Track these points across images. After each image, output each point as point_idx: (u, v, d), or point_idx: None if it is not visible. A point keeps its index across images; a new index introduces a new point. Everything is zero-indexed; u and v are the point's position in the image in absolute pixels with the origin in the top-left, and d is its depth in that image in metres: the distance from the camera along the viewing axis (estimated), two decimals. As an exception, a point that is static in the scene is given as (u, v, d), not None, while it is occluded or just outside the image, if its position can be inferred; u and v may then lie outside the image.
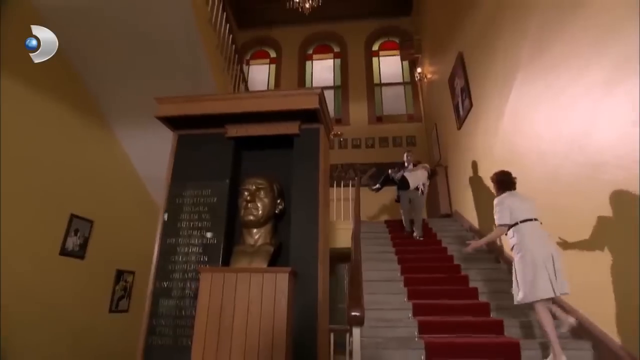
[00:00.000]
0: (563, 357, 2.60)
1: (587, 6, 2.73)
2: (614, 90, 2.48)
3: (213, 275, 2.61)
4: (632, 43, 2.28)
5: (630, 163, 2.32)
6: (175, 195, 3.19)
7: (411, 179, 5.49)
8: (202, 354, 2.43)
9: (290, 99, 3.16)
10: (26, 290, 3.92)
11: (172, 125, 3.31)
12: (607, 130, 2.57)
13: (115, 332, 5.21)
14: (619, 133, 2.44)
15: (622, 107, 2.40)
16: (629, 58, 2.33)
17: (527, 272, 2.79)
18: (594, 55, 2.69)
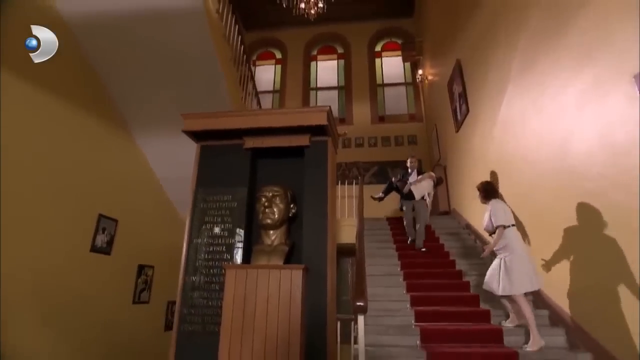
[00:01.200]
0: (542, 341, 3.00)
1: (569, 31, 3.07)
2: (585, 109, 2.85)
3: (237, 271, 3.02)
4: (603, 67, 2.64)
5: (596, 176, 2.70)
6: (199, 200, 3.59)
7: (417, 190, 5.40)
8: (229, 339, 2.85)
9: (302, 115, 3.56)
10: (62, 283, 4.35)
11: (196, 137, 3.70)
12: (580, 144, 2.93)
13: (138, 321, 5.67)
14: (590, 147, 2.80)
15: (592, 124, 2.77)
16: (599, 82, 2.69)
17: (516, 269, 3.20)
18: (571, 76, 3.04)
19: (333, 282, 3.20)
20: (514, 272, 3.21)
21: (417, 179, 5.49)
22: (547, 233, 3.44)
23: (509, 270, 3.25)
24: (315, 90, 10.73)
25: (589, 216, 2.86)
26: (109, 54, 4.74)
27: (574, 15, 2.96)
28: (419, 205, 5.39)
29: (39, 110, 4.11)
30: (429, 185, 5.45)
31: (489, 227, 3.57)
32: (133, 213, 5.58)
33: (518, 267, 3.21)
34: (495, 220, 3.46)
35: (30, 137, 3.99)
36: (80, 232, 4.69)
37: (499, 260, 3.40)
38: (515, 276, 3.20)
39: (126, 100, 5.24)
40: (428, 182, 5.45)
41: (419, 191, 5.37)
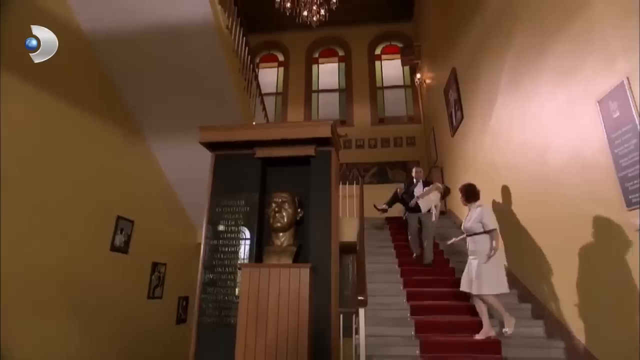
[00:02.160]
0: (512, 319, 3.43)
1: (547, 56, 3.40)
2: (560, 126, 3.19)
3: (251, 270, 3.39)
4: (575, 91, 2.98)
5: (569, 185, 3.05)
6: (215, 205, 3.95)
7: (424, 203, 5.18)
8: (245, 330, 3.23)
9: (308, 128, 3.93)
10: (86, 280, 4.71)
11: (211, 147, 4.05)
12: (556, 156, 3.28)
13: (153, 316, 6.06)
14: (564, 159, 3.15)
15: (566, 139, 3.12)
16: (571, 104, 3.04)
17: (496, 271, 3.50)
18: (549, 97, 3.39)
19: (336, 279, 3.58)
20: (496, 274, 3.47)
21: (424, 191, 5.23)
22: (529, 236, 3.80)
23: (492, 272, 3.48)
24: (317, 93, 11.05)
25: (562, 221, 3.21)
26: (126, 67, 5.07)
27: (552, 42, 3.29)
28: (425, 218, 5.19)
29: (62, 120, 4.45)
30: (436, 197, 5.18)
31: (475, 228, 3.70)
32: (147, 214, 5.94)
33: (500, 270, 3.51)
34: (489, 223, 3.62)
35: (55, 146, 4.33)
36: (102, 233, 5.06)
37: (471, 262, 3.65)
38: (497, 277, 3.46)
39: (141, 109, 5.59)
40: (435, 194, 5.18)
41: (426, 204, 5.14)
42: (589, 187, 2.79)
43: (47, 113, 4.24)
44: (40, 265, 4.06)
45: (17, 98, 3.86)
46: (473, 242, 3.70)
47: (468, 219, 3.81)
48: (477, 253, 3.60)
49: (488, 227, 3.63)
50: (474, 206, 3.84)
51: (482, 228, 3.65)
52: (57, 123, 4.37)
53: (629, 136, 2.34)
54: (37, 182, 4.07)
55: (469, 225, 3.76)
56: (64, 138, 4.46)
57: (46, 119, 4.23)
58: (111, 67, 5.10)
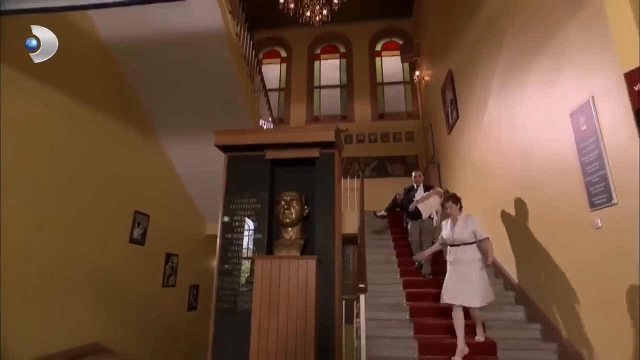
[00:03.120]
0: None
1: (533, 67, 3.74)
2: (542, 131, 3.56)
3: (264, 261, 3.80)
4: (553, 102, 3.33)
5: (548, 185, 3.43)
6: (229, 203, 4.33)
7: (424, 208, 5.07)
8: (259, 314, 3.64)
9: (314, 132, 4.31)
10: (108, 269, 5.13)
11: (225, 149, 4.41)
12: (539, 158, 3.65)
13: (167, 302, 6.51)
14: (545, 162, 3.53)
15: (546, 144, 3.48)
16: (550, 113, 3.39)
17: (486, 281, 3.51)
18: (533, 104, 3.75)
19: (339, 269, 3.99)
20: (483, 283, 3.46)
21: (424, 195, 5.14)
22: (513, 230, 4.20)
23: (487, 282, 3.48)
24: (318, 89, 11.35)
25: (541, 218, 3.60)
26: (142, 72, 5.41)
27: (535, 56, 3.63)
28: (426, 225, 5.13)
29: (86, 124, 4.82)
30: (436, 202, 4.99)
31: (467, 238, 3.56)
32: (161, 208, 6.33)
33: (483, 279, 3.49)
34: (483, 232, 3.57)
35: (80, 149, 4.71)
36: (121, 226, 5.47)
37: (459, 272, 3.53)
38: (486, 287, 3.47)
39: (155, 111, 5.94)
40: (435, 199, 5.00)
41: (426, 209, 5.03)
42: (563, 188, 3.17)
43: (73, 118, 4.60)
44: (70, 257, 4.47)
45: (47, 105, 4.23)
46: (462, 252, 3.57)
47: (456, 228, 3.66)
48: (468, 263, 3.50)
49: (482, 236, 3.55)
50: (461, 216, 3.74)
51: (473, 237, 3.57)
52: (82, 127, 4.73)
53: (592, 147, 2.71)
54: (66, 182, 4.46)
55: (460, 235, 3.61)
56: (88, 140, 4.83)
57: (72, 123, 4.59)
58: (128, 73, 5.44)
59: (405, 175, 9.99)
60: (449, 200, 3.79)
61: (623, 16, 2.49)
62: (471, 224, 3.61)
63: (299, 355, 3.49)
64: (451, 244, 3.68)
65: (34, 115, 4.07)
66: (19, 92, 3.86)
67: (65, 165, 4.46)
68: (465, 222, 3.66)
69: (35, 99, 4.07)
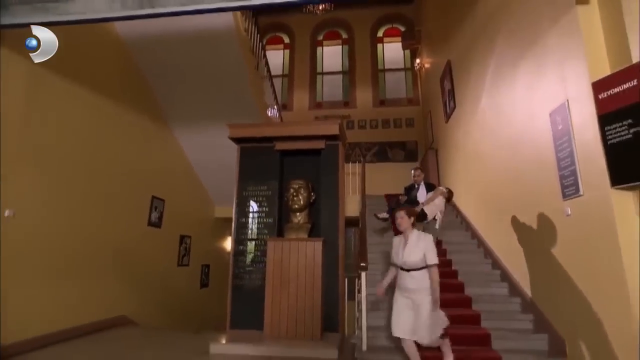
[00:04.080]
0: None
1: (521, 65, 4.07)
2: (526, 128, 3.93)
3: (275, 243, 4.25)
4: (536, 102, 3.68)
5: (531, 177, 3.83)
6: (242, 190, 4.76)
7: (429, 211, 4.87)
8: (272, 290, 4.12)
9: (320, 126, 4.71)
10: (130, 250, 5.60)
11: (237, 141, 4.80)
12: (524, 152, 4.03)
13: (182, 280, 7.04)
14: (529, 156, 3.91)
15: (530, 141, 3.86)
16: (533, 112, 3.75)
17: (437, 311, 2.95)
18: (519, 103, 4.10)
19: (343, 250, 4.44)
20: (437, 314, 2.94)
21: (428, 198, 4.98)
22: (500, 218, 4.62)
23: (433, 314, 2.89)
24: (321, 75, 11.59)
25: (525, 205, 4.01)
26: (156, 67, 5.74)
27: (522, 57, 3.95)
28: (430, 226, 4.95)
29: (110, 118, 5.19)
30: (441, 202, 4.90)
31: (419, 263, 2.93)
32: (174, 193, 6.77)
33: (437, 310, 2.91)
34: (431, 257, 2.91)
35: (104, 142, 5.09)
36: (141, 211, 5.92)
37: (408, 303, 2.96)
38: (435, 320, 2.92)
39: (168, 103, 6.29)
40: (440, 199, 4.90)
41: (432, 211, 4.88)
42: (542, 180, 3.56)
43: (96, 111, 4.98)
44: (98, 239, 4.93)
45: (75, 100, 4.60)
46: (411, 279, 2.95)
47: (406, 249, 3.01)
48: (417, 293, 2.91)
49: (430, 262, 2.90)
50: (414, 233, 3.06)
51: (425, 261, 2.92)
52: (104, 119, 5.11)
53: (566, 145, 3.09)
54: (93, 171, 4.88)
55: (409, 257, 2.97)
56: (110, 131, 5.21)
57: (96, 116, 4.97)
58: (144, 67, 5.77)
59: (405, 160, 10.39)
60: (400, 210, 3.11)
61: (595, 32, 2.83)
62: (423, 243, 2.96)
63: (307, 325, 3.99)
64: (401, 267, 3.04)
65: (64, 110, 4.44)
66: (51, 90, 4.22)
67: (92, 155, 4.86)
68: (417, 241, 3.00)
69: (65, 96, 4.43)
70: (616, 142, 2.56)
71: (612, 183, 2.59)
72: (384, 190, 9.05)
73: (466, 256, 5.24)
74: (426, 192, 5.11)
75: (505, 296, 4.33)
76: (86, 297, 4.72)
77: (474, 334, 3.70)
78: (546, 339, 3.53)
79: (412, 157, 10.35)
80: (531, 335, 3.68)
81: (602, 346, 2.74)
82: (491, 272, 4.79)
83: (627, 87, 2.51)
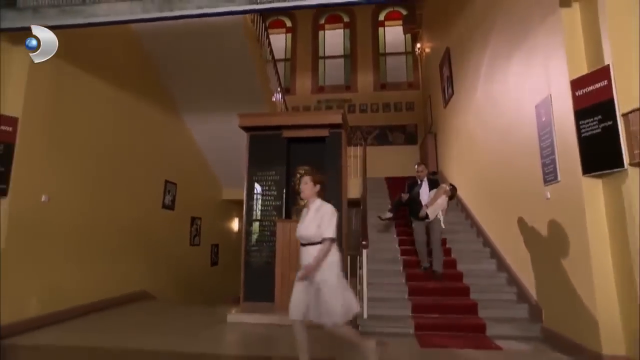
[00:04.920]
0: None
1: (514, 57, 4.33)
2: (515, 119, 4.24)
3: (284, 224, 4.65)
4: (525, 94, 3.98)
5: (519, 164, 4.18)
6: (252, 175, 5.13)
7: (432, 212, 4.83)
8: (281, 266, 4.53)
9: (324, 115, 5.04)
10: (147, 230, 6.02)
11: (247, 129, 5.13)
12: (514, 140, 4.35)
13: (194, 258, 7.50)
14: (517, 145, 4.24)
15: (518, 130, 4.18)
16: (521, 104, 4.06)
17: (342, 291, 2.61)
18: (510, 96, 4.40)
19: (345, 230, 4.83)
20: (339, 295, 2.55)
21: (431, 197, 4.89)
22: (491, 200, 4.99)
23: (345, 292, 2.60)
24: (323, 59, 11.75)
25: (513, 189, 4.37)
26: (166, 57, 6.01)
27: (516, 50, 4.22)
28: (432, 225, 4.86)
29: (126, 107, 5.50)
30: (443, 201, 4.86)
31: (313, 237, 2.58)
32: (185, 177, 7.14)
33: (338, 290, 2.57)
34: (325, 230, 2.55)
35: (121, 130, 5.43)
36: (156, 194, 6.31)
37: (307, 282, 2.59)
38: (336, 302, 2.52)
39: (179, 92, 6.59)
40: (443, 198, 4.85)
41: (434, 211, 4.84)
42: (528, 166, 3.90)
43: (115, 103, 5.30)
44: (120, 221, 5.34)
45: (96, 93, 4.92)
46: (307, 255, 2.60)
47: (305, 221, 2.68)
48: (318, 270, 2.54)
49: (325, 235, 2.55)
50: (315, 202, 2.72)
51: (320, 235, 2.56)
52: (122, 110, 5.43)
53: (547, 136, 3.42)
54: (113, 158, 5.24)
55: (306, 230, 2.63)
56: (128, 123, 5.55)
57: (115, 107, 5.29)
58: (156, 60, 6.04)
59: (405, 143, 10.70)
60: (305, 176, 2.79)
61: (575, 33, 3.11)
62: (320, 214, 2.62)
63: (313, 297, 4.42)
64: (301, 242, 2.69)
65: (87, 103, 4.77)
66: (75, 85, 4.53)
67: (113, 144, 5.21)
68: (315, 213, 2.66)
69: (88, 90, 4.75)
70: (588, 135, 2.90)
71: (583, 171, 2.94)
72: (384, 173, 9.41)
73: (460, 235, 5.64)
74: (429, 189, 4.99)
75: (493, 271, 4.75)
76: (112, 273, 5.17)
77: (462, 304, 4.14)
78: (527, 308, 3.97)
79: (412, 140, 10.66)
80: (515, 305, 4.12)
81: (571, 312, 3.15)
82: (482, 249, 5.20)
83: (599, 87, 2.83)
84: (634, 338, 2.60)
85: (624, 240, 2.70)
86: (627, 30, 2.79)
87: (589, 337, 2.88)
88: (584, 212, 2.92)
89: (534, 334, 3.65)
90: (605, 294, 2.79)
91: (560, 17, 3.24)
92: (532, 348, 3.41)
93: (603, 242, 2.85)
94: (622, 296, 2.74)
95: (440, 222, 4.88)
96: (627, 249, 2.66)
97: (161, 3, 3.41)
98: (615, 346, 2.70)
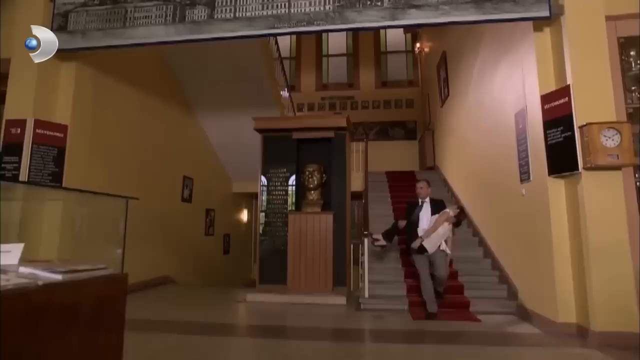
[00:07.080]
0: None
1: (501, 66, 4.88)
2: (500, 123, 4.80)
3: (295, 216, 5.26)
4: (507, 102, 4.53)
5: (504, 164, 4.76)
6: (266, 172, 5.71)
7: (430, 244, 4.03)
8: (293, 254, 5.15)
9: (330, 119, 5.63)
10: (169, 221, 6.65)
11: (260, 131, 5.71)
12: (499, 142, 4.92)
13: (209, 247, 8.16)
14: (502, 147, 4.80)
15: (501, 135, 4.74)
16: (505, 111, 4.61)
17: None
18: (498, 97, 4.95)
19: (349, 221, 5.43)
20: None
21: (429, 228, 4.06)
22: (479, 194, 5.57)
23: None
24: (327, 57, 12.24)
25: (497, 186, 4.96)
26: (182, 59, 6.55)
27: (502, 59, 4.76)
28: (435, 257, 4.06)
29: (148, 109, 6.08)
30: (446, 230, 4.06)
31: None
32: (200, 172, 7.75)
33: None
34: None
35: (147, 129, 6.02)
36: (175, 188, 6.94)
37: None
38: None
39: (193, 92, 7.15)
40: (445, 227, 4.04)
41: (433, 244, 4.03)
42: (508, 167, 4.46)
43: (140, 104, 5.88)
44: (147, 212, 5.95)
45: (124, 96, 5.49)
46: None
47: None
48: None
49: None
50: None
51: None
52: (145, 110, 6.01)
53: (523, 141, 3.99)
54: (138, 155, 5.84)
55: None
56: (151, 124, 6.14)
57: (139, 108, 5.87)
58: (173, 64, 6.59)
59: (404, 139, 11.25)
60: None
61: (546, 54, 3.66)
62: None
63: (321, 280, 5.07)
64: None
65: (118, 107, 5.36)
66: (108, 91, 5.11)
67: (139, 142, 5.82)
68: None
69: (118, 95, 5.33)
70: (553, 143, 3.47)
71: (549, 173, 3.52)
72: (385, 167, 9.95)
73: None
74: (431, 214, 4.19)
75: (479, 257, 5.36)
76: (140, 259, 5.77)
77: (451, 285, 4.74)
78: (506, 289, 4.60)
79: (411, 136, 11.21)
80: (496, 286, 4.75)
81: (537, 289, 3.77)
82: (471, 238, 5.80)
83: (562, 102, 3.39)
84: (583, 308, 3.21)
85: (579, 230, 3.29)
86: (585, 55, 3.35)
87: (549, 309, 3.50)
88: (548, 207, 3.51)
89: (510, 310, 4.27)
90: (562, 274, 3.40)
91: (531, 42, 3.78)
92: (505, 320, 4.04)
93: (563, 230, 3.45)
94: (575, 275, 3.35)
95: (446, 253, 4.09)
96: (580, 237, 3.26)
97: (192, 27, 3.96)
98: (568, 315, 3.33)
